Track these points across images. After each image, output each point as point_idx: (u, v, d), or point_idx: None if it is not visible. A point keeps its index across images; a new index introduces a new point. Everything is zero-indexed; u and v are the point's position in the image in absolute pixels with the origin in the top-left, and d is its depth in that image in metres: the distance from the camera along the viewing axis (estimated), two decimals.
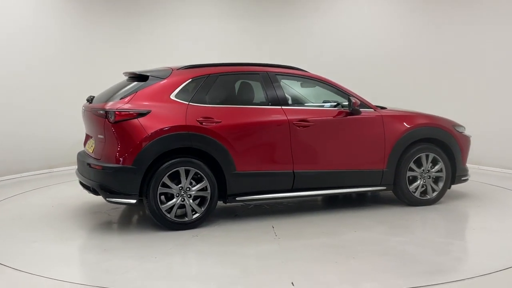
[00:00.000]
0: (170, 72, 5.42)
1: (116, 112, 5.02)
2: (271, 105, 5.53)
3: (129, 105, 5.07)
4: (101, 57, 9.40)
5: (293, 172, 5.50)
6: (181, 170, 5.10)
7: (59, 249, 4.62)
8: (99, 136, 5.24)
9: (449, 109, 8.44)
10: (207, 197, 5.21)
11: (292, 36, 10.27)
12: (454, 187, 6.30)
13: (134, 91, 5.21)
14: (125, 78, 5.75)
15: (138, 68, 5.82)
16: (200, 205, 5.23)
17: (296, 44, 10.27)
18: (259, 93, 5.64)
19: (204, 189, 5.20)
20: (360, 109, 5.79)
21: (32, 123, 8.41)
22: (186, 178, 5.12)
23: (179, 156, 5.13)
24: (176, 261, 4.27)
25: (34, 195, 6.82)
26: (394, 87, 9.75)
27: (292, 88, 6.12)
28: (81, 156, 5.67)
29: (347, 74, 9.09)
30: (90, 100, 5.73)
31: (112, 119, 5.02)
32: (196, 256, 4.43)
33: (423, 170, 6.06)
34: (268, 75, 5.65)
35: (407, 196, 6.02)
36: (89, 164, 5.24)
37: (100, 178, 5.10)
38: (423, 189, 6.11)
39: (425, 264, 4.13)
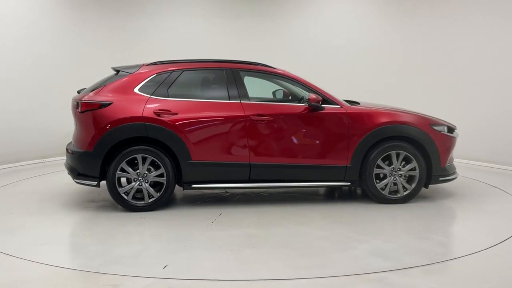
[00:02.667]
0: (139, 67, 5.93)
1: (83, 103, 5.65)
2: (231, 100, 5.80)
3: (96, 96, 5.67)
4: (92, 52, 9.94)
5: (249, 163, 5.75)
6: (139, 157, 5.61)
7: (18, 220, 5.34)
8: (74, 124, 5.92)
9: (440, 105, 8.80)
10: (164, 183, 5.66)
11: (276, 35, 10.65)
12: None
13: (104, 84, 5.80)
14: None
15: (126, 64, 6.33)
16: (160, 190, 5.70)
17: (279, 42, 10.60)
18: (221, 88, 5.92)
19: (162, 175, 5.66)
20: (324, 105, 5.86)
21: (26, 115, 8.90)
22: (144, 165, 5.61)
23: (139, 144, 5.62)
24: (96, 238, 4.76)
25: (31, 181, 7.45)
26: (381, 83, 10.01)
27: (257, 83, 6.33)
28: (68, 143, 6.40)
29: (328, 72, 9.82)
30: (80, 92, 6.41)
31: (80, 109, 5.66)
32: (119, 235, 4.89)
33: (393, 168, 5.98)
34: (231, 71, 5.93)
35: (374, 193, 5.99)
36: (67, 149, 5.96)
37: (71, 161, 5.80)
38: (395, 187, 6.04)
39: (318, 258, 4.22)
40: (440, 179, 6.12)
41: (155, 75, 5.82)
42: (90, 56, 9.92)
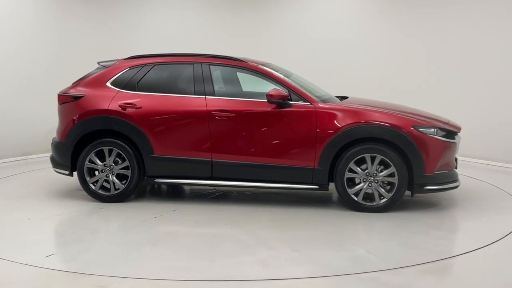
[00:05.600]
0: (115, 62, 6.09)
1: (59, 96, 5.99)
2: (196, 95, 5.70)
3: (71, 89, 5.97)
4: (77, 46, 9.48)
5: (211, 160, 5.61)
6: (105, 149, 5.78)
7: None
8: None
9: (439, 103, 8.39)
10: (128, 175, 5.77)
11: (265, 27, 10.26)
12: None
13: (82, 78, 6.08)
14: None
15: (112, 58, 6.52)
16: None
17: (268, 35, 10.24)
18: (188, 83, 5.82)
19: (127, 168, 5.77)
20: (292, 102, 5.50)
21: (6, 110, 8.37)
22: (110, 157, 5.77)
23: (108, 136, 5.80)
24: (38, 225, 4.99)
25: (20, 176, 7.32)
26: (378, 79, 9.57)
27: (229, 79, 6.14)
28: None
29: (323, 66, 9.57)
30: None
31: (58, 101, 6.01)
32: (62, 222, 5.14)
33: (367, 173, 5.41)
34: (201, 65, 5.82)
35: (346, 199, 5.48)
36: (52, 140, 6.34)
37: (52, 151, 6.17)
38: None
39: (204, 261, 4.01)
40: (426, 188, 5.38)
41: (128, 69, 5.93)
42: (76, 50, 9.44)
